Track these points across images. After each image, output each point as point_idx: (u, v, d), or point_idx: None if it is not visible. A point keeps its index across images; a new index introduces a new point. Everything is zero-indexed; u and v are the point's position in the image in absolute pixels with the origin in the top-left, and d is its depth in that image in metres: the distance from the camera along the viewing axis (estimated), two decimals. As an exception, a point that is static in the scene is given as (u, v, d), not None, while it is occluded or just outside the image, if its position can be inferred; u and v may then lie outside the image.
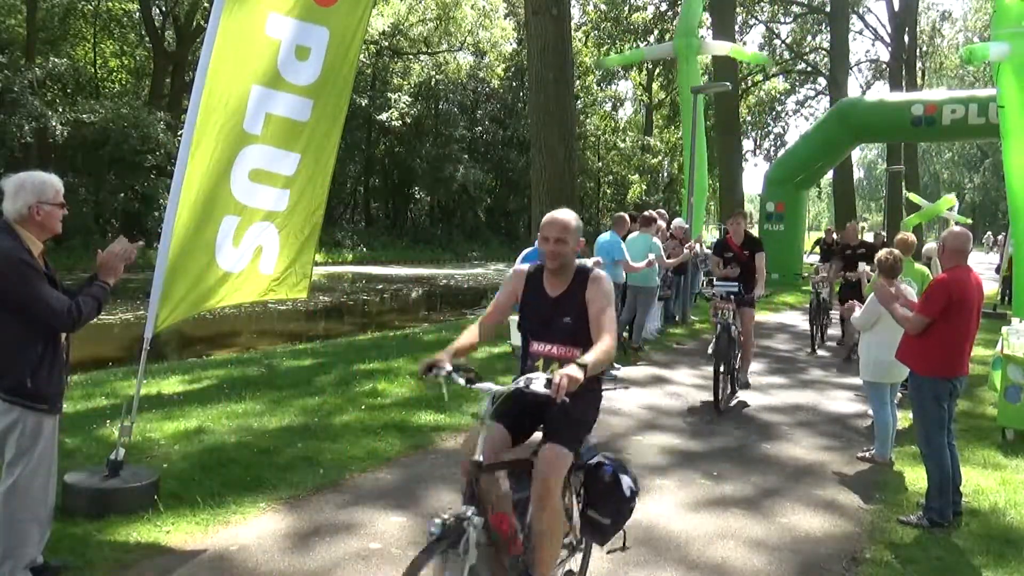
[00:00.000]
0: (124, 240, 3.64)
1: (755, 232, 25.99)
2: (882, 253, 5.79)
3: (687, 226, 13.54)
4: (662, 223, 11.96)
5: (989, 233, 22.42)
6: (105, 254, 3.56)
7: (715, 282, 8.02)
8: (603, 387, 3.41)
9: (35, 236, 3.35)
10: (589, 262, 9.42)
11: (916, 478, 5.42)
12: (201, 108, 4.60)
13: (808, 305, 12.09)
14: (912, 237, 7.31)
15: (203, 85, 4.61)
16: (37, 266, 3.27)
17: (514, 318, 10.05)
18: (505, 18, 42.26)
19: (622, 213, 10.37)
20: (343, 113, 5.41)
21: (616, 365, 9.04)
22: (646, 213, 10.63)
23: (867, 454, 5.97)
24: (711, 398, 7.46)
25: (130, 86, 35.33)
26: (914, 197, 27.33)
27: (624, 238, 9.67)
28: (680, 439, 6.45)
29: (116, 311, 16.38)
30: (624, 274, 9.25)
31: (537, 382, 2.77)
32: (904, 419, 6.62)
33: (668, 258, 10.73)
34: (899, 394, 6.78)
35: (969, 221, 47.98)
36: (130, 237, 3.80)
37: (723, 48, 22.24)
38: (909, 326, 4.77)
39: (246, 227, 4.95)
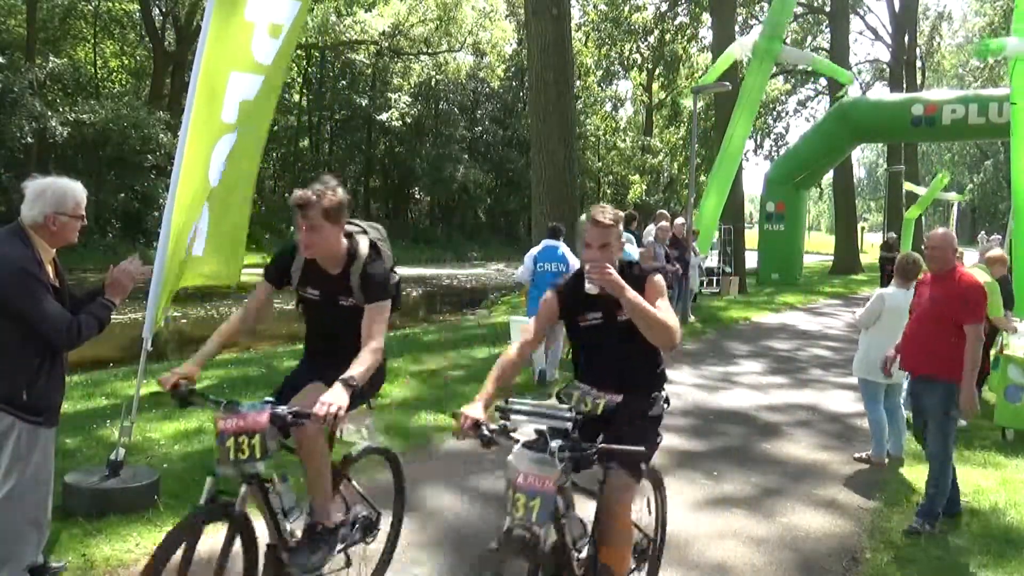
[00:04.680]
0: (137, 260, 3.55)
1: (755, 233, 26.08)
2: (901, 257, 5.78)
3: (687, 224, 13.56)
4: (665, 223, 11.98)
5: (983, 233, 22.43)
6: (116, 271, 3.46)
7: None
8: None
9: (48, 244, 3.28)
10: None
11: (916, 478, 5.42)
12: (195, 106, 4.61)
13: None
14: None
15: (197, 83, 4.62)
16: (43, 278, 3.18)
17: (515, 318, 10.09)
18: (505, 19, 42.26)
19: (632, 212, 10.38)
20: (280, 81, 5.27)
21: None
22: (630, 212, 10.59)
23: (864, 455, 5.97)
24: (711, 398, 7.44)
25: (130, 86, 35.35)
26: (909, 186, 27.40)
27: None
28: (680, 439, 6.45)
29: (125, 311, 16.38)
30: None
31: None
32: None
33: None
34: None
35: (966, 198, 47.77)
36: (130, 237, 3.78)
37: (804, 59, 21.71)
38: (979, 343, 4.50)
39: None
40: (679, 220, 13.18)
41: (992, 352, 7.34)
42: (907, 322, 4.87)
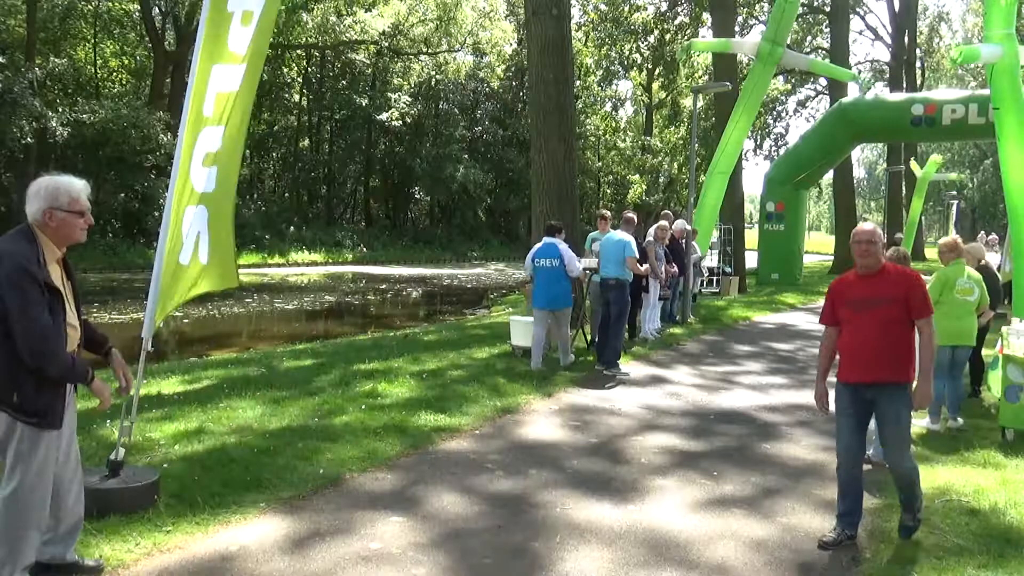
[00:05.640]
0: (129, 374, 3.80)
1: (755, 233, 26.10)
2: (890, 252, 5.73)
3: (689, 227, 13.55)
4: (665, 223, 11.98)
5: (982, 233, 22.55)
6: (119, 367, 3.73)
7: None
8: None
9: (53, 243, 3.27)
10: (584, 261, 9.56)
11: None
12: (190, 104, 4.63)
13: None
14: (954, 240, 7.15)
15: (193, 81, 4.64)
16: (39, 275, 3.14)
17: (515, 318, 10.09)
18: (505, 19, 42.32)
19: (631, 213, 10.40)
20: (259, 74, 5.15)
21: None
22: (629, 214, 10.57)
23: (864, 455, 5.93)
24: (711, 398, 7.44)
25: (130, 86, 35.42)
26: (913, 165, 27.68)
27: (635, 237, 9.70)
28: (680, 439, 6.45)
29: (127, 311, 16.43)
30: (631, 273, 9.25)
31: None
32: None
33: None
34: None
35: (962, 177, 47.89)
36: (130, 237, 3.81)
37: (802, 62, 21.81)
38: (934, 334, 4.34)
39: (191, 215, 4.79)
40: (677, 222, 13.19)
41: (992, 352, 7.35)
42: (841, 331, 4.43)
